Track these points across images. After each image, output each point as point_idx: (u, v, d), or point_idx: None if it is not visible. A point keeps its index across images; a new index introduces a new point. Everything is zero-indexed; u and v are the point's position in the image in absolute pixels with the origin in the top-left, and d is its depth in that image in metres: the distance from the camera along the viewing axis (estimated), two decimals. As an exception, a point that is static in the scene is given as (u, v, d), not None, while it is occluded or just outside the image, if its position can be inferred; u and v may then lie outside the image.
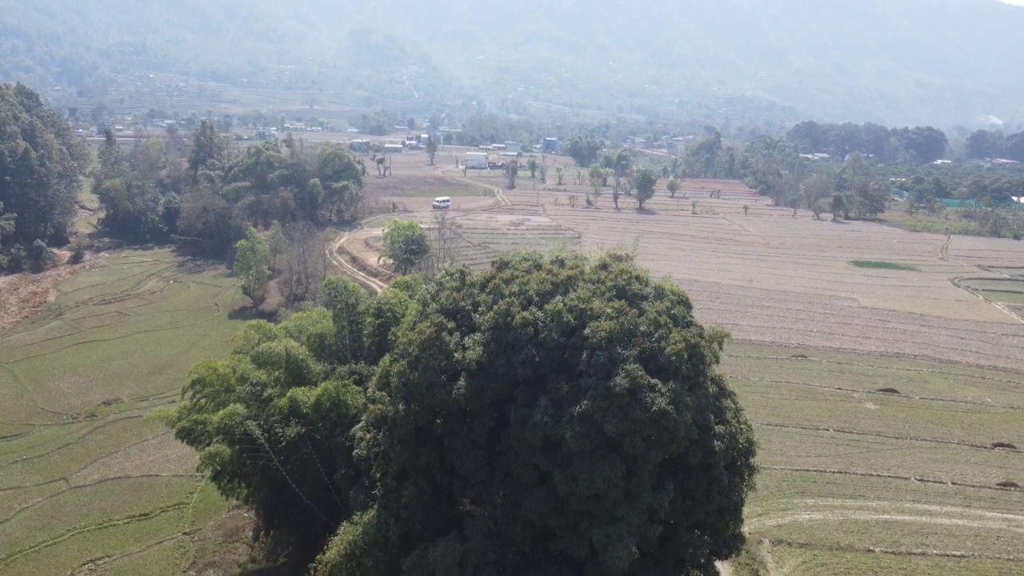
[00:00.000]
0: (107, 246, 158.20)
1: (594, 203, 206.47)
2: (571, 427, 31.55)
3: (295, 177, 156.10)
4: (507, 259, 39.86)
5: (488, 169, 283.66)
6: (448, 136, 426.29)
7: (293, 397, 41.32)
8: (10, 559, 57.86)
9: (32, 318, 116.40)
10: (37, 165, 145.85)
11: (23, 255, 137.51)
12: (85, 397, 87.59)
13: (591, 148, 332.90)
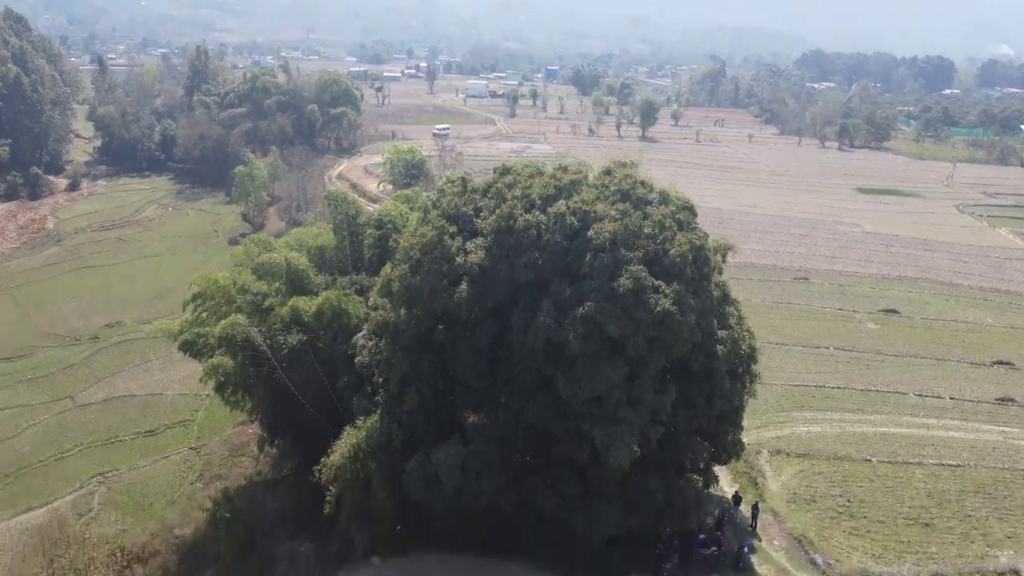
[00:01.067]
0: (104, 174, 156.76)
1: (596, 132, 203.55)
2: (574, 329, 31.43)
3: (292, 104, 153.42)
4: (509, 165, 39.19)
5: (489, 98, 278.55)
6: (448, 66, 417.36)
7: (294, 306, 41.17)
8: (19, 472, 58.91)
9: (31, 244, 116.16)
10: (29, 91, 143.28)
11: (20, 182, 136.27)
12: (87, 320, 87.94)
13: (593, 77, 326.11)
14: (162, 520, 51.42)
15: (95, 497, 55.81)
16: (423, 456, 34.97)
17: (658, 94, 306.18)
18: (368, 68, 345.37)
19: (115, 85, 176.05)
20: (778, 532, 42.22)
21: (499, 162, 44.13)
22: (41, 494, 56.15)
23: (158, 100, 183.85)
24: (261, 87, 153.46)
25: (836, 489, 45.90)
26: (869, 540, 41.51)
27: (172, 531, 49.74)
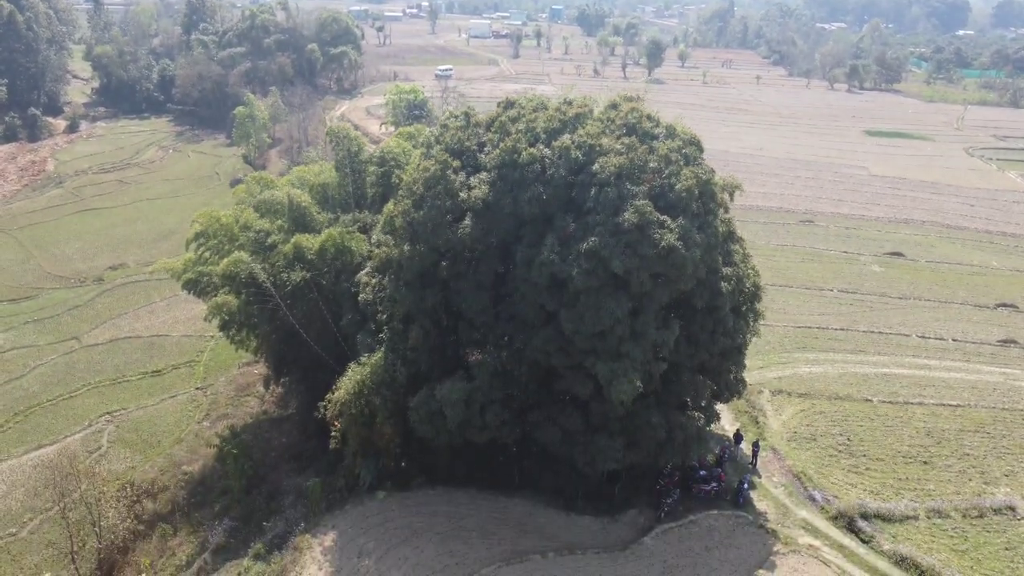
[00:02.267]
0: (103, 116, 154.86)
1: (601, 72, 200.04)
2: (578, 264, 31.22)
3: (292, 43, 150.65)
4: (514, 99, 38.45)
5: (492, 38, 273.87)
6: (450, 4, 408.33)
7: (297, 243, 40.94)
8: (28, 411, 59.45)
9: (32, 186, 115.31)
10: (24, 29, 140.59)
11: (18, 124, 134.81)
12: (91, 262, 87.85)
13: (599, 17, 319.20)
14: (170, 457, 52.18)
15: (104, 435, 56.40)
16: (427, 392, 35.17)
17: (665, 34, 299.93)
18: (369, 7, 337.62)
19: (111, 24, 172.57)
20: (778, 469, 42.71)
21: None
22: (51, 432, 56.73)
23: (156, 40, 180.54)
24: (260, 25, 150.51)
25: (836, 428, 46.28)
26: (868, 477, 41.99)
27: (180, 467, 50.52)
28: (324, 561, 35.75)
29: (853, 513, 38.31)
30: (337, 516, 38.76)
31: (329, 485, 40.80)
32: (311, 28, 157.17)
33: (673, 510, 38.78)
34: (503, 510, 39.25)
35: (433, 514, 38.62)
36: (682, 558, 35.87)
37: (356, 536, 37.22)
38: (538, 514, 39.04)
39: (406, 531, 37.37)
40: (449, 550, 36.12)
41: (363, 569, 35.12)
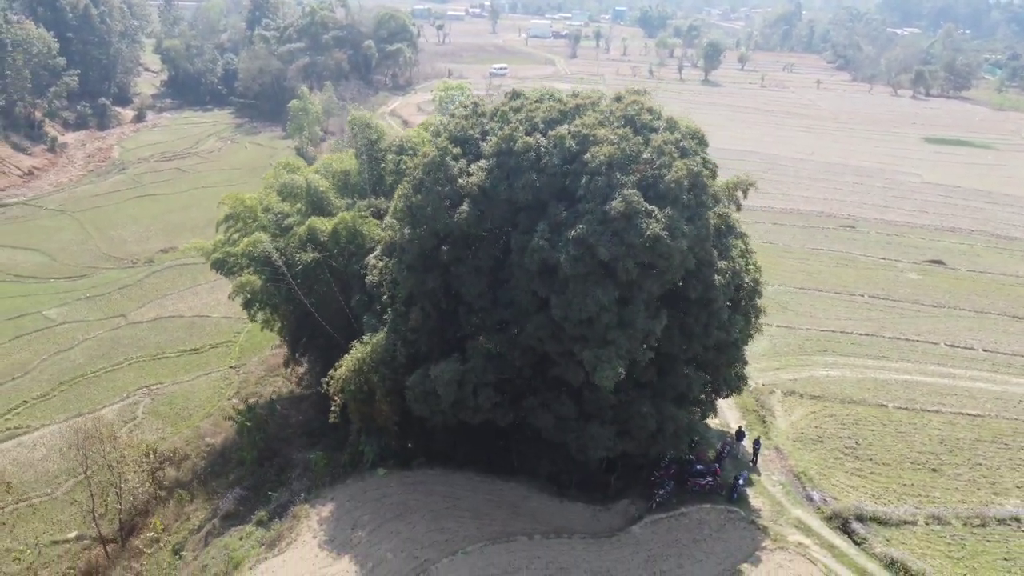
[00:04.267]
0: (169, 107, 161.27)
1: (657, 74, 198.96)
2: (566, 251, 31.83)
3: (349, 39, 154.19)
4: (520, 91, 39.24)
5: (552, 38, 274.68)
6: (513, 5, 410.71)
7: (311, 225, 42.54)
8: (73, 381, 62.72)
9: (97, 172, 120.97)
10: (98, 22, 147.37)
11: (89, 112, 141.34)
12: (144, 245, 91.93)
13: (661, 18, 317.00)
14: (196, 429, 54.58)
15: (140, 407, 59.21)
16: (423, 371, 36.24)
17: (729, 37, 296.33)
18: (432, 7, 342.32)
19: (180, 19, 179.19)
20: (779, 468, 42.48)
21: None
22: (92, 402, 59.77)
23: (224, 36, 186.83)
24: (319, 22, 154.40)
25: (845, 431, 45.71)
26: (871, 481, 41.43)
27: (204, 439, 52.85)
28: (319, 530, 37.18)
29: (848, 514, 37.93)
30: (338, 489, 40.22)
31: (335, 461, 42.31)
32: (368, 25, 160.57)
33: (666, 502, 38.99)
34: (498, 493, 40.09)
35: (429, 493, 39.69)
36: (668, 548, 36.11)
37: (353, 509, 38.56)
38: (531, 498, 39.75)
39: (401, 507, 38.52)
40: (440, 527, 37.10)
41: (355, 540, 36.39)
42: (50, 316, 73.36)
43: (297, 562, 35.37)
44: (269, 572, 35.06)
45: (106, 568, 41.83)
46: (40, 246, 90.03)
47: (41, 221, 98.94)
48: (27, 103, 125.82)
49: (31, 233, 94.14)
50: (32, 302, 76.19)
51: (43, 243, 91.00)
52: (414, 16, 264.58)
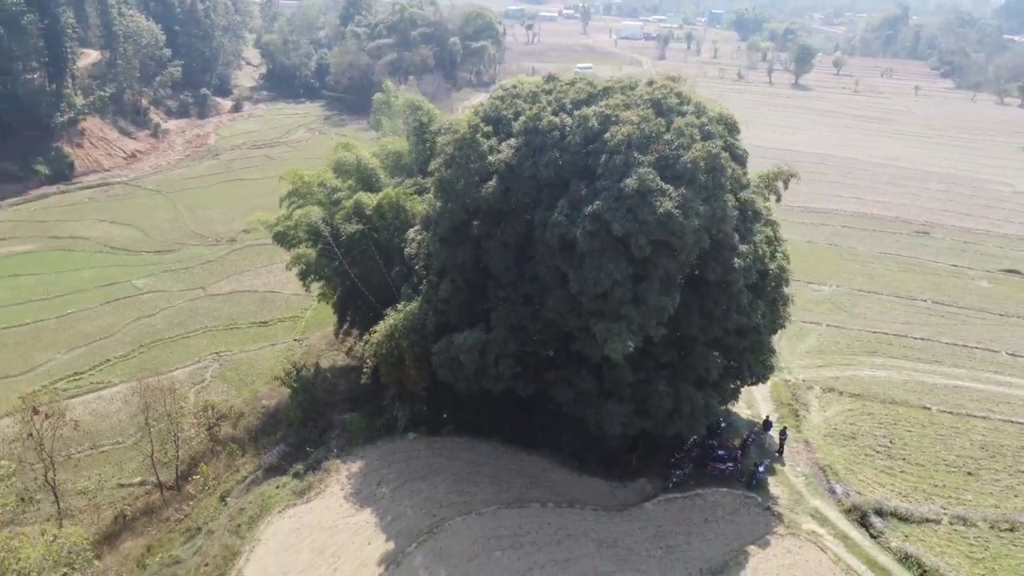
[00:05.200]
0: (264, 98, 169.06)
1: (745, 76, 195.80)
2: (583, 226, 32.93)
3: (436, 36, 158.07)
4: (556, 75, 40.53)
5: (643, 40, 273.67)
6: (608, 6, 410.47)
7: (358, 199, 44.97)
8: (152, 344, 67.46)
9: (193, 157, 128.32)
10: (203, 17, 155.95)
11: (190, 102, 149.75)
12: (229, 225, 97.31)
13: (757, 21, 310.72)
14: (255, 393, 58.04)
15: (209, 371, 63.23)
16: (448, 339, 37.97)
17: (828, 42, 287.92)
18: (525, 7, 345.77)
19: (279, 15, 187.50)
20: (805, 460, 42.24)
21: None
22: (167, 363, 64.18)
23: (321, 32, 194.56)
24: (408, 19, 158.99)
25: (881, 430, 44.96)
26: (900, 479, 40.75)
27: (260, 401, 56.21)
28: (347, 483, 39.46)
29: (867, 508, 37.57)
30: (369, 449, 42.46)
31: (370, 424, 44.56)
32: (455, 22, 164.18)
33: (683, 483, 39.51)
34: (519, 463, 41.46)
35: (454, 458, 41.44)
36: (678, 525, 36.69)
37: (381, 467, 40.70)
38: (551, 471, 40.95)
39: (426, 469, 40.42)
40: (460, 490, 38.79)
41: (379, 495, 38.49)
42: (137, 285, 78.85)
43: (322, 510, 37.73)
44: (296, 517, 37.54)
45: (160, 509, 45.30)
46: (135, 222, 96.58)
47: (139, 200, 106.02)
48: (135, 91, 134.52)
49: (128, 210, 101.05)
50: (123, 272, 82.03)
51: (138, 219, 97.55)
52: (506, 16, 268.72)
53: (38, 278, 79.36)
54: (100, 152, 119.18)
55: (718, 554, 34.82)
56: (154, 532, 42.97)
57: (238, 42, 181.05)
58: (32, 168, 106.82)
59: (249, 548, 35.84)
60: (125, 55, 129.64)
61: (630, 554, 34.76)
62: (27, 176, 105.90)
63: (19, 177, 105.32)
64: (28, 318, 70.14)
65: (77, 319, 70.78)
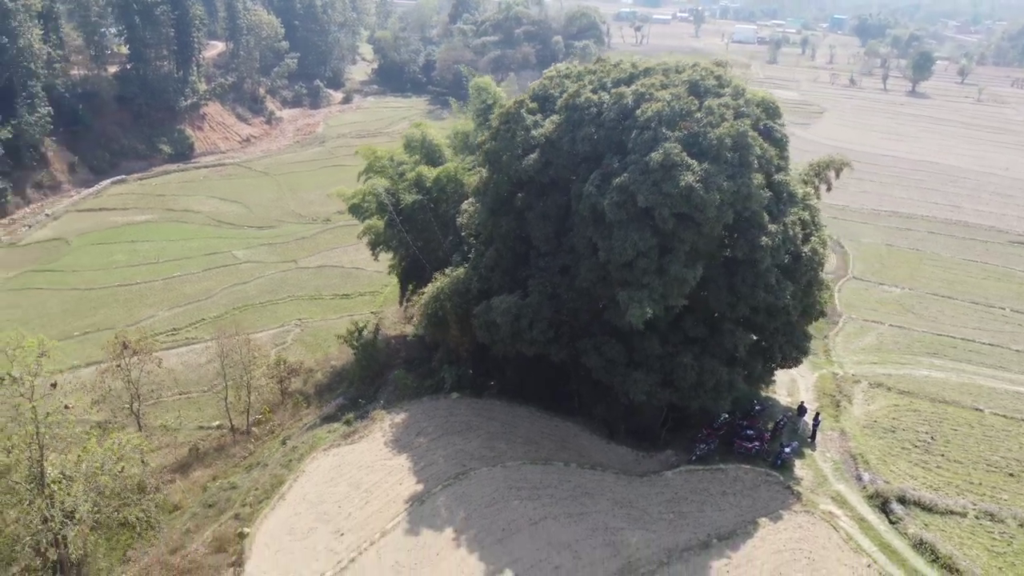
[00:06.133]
0: (374, 92, 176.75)
1: (858, 82, 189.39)
2: (610, 197, 34.66)
3: (539, 34, 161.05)
4: (604, 57, 42.26)
5: (756, 44, 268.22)
6: (724, 10, 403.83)
7: (419, 172, 48.14)
8: (243, 307, 73.13)
9: (301, 143, 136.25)
10: (320, 13, 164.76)
11: (304, 93, 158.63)
12: (325, 207, 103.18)
13: (881, 27, 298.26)
14: (327, 354, 62.33)
15: (290, 335, 68.11)
16: (487, 304, 40.43)
17: (959, 50, 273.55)
18: (639, 9, 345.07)
19: (392, 12, 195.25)
20: (837, 447, 42.26)
21: None
22: (255, 325, 69.47)
23: (434, 31, 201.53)
24: (513, 17, 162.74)
25: (924, 426, 44.31)
26: (935, 474, 40.26)
27: (330, 361, 60.39)
28: (388, 431, 42.59)
29: (890, 494, 37.46)
30: (414, 404, 45.48)
31: (419, 383, 47.61)
32: (559, 22, 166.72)
33: (707, 457, 40.48)
34: (553, 428, 43.45)
35: (491, 418, 43.86)
36: (694, 494, 37.78)
37: (421, 420, 43.62)
38: (582, 437, 42.74)
39: (463, 425, 43.02)
40: (491, 446, 41.17)
41: (416, 444, 41.38)
42: (237, 255, 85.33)
43: (363, 452, 40.97)
44: (339, 455, 40.95)
45: (229, 447, 49.84)
46: (242, 199, 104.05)
47: (247, 180, 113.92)
48: (254, 80, 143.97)
49: (237, 189, 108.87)
50: (226, 243, 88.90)
51: (244, 197, 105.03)
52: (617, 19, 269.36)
53: (152, 244, 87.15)
54: (218, 135, 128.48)
55: (728, 523, 35.75)
56: (221, 465, 47.40)
57: (353, 38, 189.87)
58: (157, 147, 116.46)
59: (294, 478, 39.46)
60: (247, 47, 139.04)
61: (642, 515, 36.19)
62: (152, 154, 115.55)
63: (145, 155, 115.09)
64: (139, 278, 77.38)
65: (180, 282, 77.45)
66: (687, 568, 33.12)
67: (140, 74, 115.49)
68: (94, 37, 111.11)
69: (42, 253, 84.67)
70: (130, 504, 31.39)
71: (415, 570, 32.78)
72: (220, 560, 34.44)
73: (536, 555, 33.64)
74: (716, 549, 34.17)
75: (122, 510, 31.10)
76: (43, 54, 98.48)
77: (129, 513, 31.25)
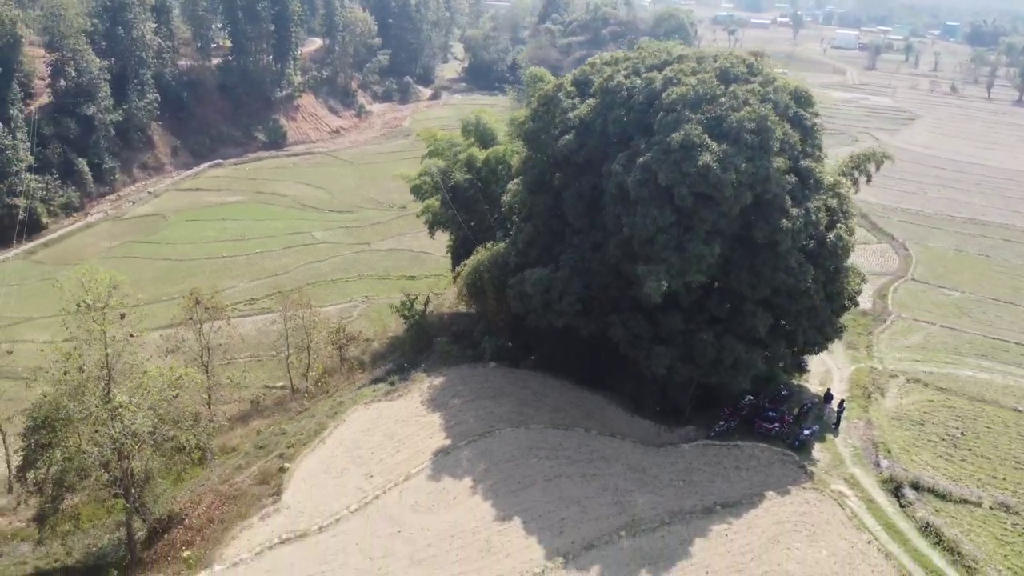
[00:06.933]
0: (462, 89, 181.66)
1: (960, 90, 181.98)
2: (634, 175, 36.54)
3: (626, 35, 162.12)
4: (642, 45, 44.07)
5: (857, 50, 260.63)
6: (829, 16, 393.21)
7: (470, 154, 51.12)
8: (316, 283, 77.86)
9: (387, 136, 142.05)
10: (414, 12, 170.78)
11: (394, 88, 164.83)
12: (402, 195, 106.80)
13: (995, 35, 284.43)
14: (385, 327, 66.12)
15: (356, 310, 72.29)
16: (521, 276, 42.89)
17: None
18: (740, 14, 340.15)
19: (483, 12, 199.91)
20: (860, 435, 42.66)
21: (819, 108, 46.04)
22: (325, 300, 74.08)
23: (527, 32, 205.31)
24: (600, 17, 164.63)
25: (956, 422, 44.13)
26: (958, 466, 40.27)
27: (387, 333, 64.09)
28: (426, 392, 45.67)
29: (904, 480, 37.84)
30: (453, 370, 48.41)
31: (461, 353, 50.53)
32: (647, 22, 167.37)
33: (726, 434, 41.72)
34: (581, 399, 45.52)
35: (524, 387, 46.31)
36: (707, 466, 39.17)
37: (458, 384, 46.49)
38: (608, 409, 44.65)
39: (496, 391, 45.64)
40: (520, 411, 43.62)
41: (450, 405, 44.26)
42: (316, 236, 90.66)
43: (400, 408, 44.16)
44: (378, 410, 44.35)
45: (287, 402, 54.00)
46: (325, 185, 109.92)
47: (333, 168, 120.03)
48: (346, 75, 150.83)
49: (322, 175, 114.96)
50: (307, 224, 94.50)
51: (328, 184, 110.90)
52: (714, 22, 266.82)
53: (239, 223, 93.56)
54: (310, 126, 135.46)
55: (736, 494, 37.01)
56: (277, 417, 51.49)
57: (446, 36, 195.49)
58: (252, 135, 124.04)
59: (335, 425, 43.02)
60: (342, 42, 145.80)
61: (653, 480, 37.90)
62: (248, 141, 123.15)
63: (241, 142, 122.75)
64: (224, 253, 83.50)
65: (262, 258, 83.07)
66: (687, 528, 34.70)
67: (240, 65, 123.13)
68: (201, 30, 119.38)
69: (142, 226, 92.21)
70: (184, 429, 35.37)
71: (432, 510, 35.61)
72: (262, 490, 38.15)
73: (546, 507, 35.88)
74: (719, 515, 35.58)
75: (176, 434, 35.10)
76: (154, 45, 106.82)
77: (183, 437, 35.24)
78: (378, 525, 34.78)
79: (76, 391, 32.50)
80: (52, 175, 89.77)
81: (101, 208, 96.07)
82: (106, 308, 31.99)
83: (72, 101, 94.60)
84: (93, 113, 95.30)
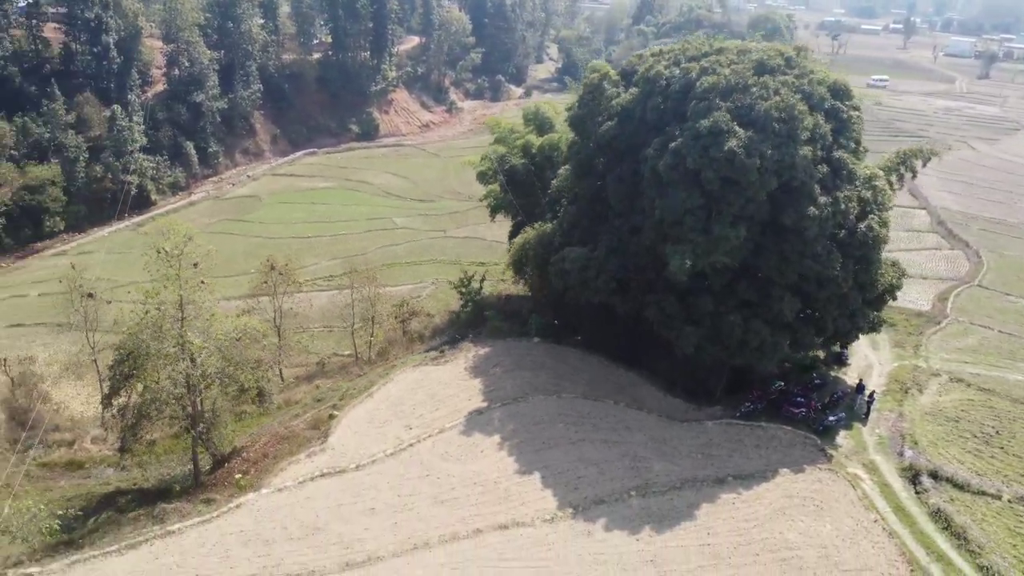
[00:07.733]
0: (553, 89, 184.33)
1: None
2: (665, 159, 38.54)
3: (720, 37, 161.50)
4: (690, 38, 45.80)
5: (972, 58, 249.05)
6: (948, 23, 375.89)
7: (527, 140, 54.01)
8: (391, 265, 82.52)
9: (474, 131, 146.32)
10: (509, 12, 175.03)
11: (485, 86, 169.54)
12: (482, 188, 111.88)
13: None
14: (448, 305, 69.76)
15: (426, 291, 76.33)
16: (561, 254, 45.44)
17: None
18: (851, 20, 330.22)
19: (578, 13, 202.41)
20: (889, 426, 43.10)
21: (916, 116, 45.30)
22: (397, 280, 78.64)
23: (622, 34, 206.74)
24: (694, 19, 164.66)
25: (993, 421, 43.87)
26: (986, 462, 40.28)
27: (449, 310, 67.71)
28: (470, 358, 48.90)
29: (923, 468, 38.32)
30: (498, 343, 51.40)
31: (509, 328, 53.46)
32: (742, 24, 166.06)
33: (752, 415, 43.05)
34: (617, 375, 47.66)
35: (563, 361, 48.83)
36: (728, 443, 40.69)
37: (501, 355, 49.44)
38: (640, 386, 46.63)
39: (536, 364, 48.33)
40: (557, 383, 46.18)
41: (491, 372, 47.27)
42: (396, 222, 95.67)
43: (444, 372, 47.53)
44: (424, 372, 47.92)
45: (349, 367, 58.28)
46: (410, 175, 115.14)
47: (419, 159, 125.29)
48: (440, 72, 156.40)
49: (408, 166, 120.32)
50: (388, 210, 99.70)
51: (413, 174, 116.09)
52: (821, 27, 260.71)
53: (327, 207, 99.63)
54: (401, 119, 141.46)
55: (750, 469, 38.45)
56: (337, 378, 55.77)
57: (541, 37, 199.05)
58: (347, 126, 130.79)
59: (383, 383, 46.78)
60: (438, 40, 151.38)
61: (672, 451, 39.78)
62: (342, 132, 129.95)
63: (336, 133, 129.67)
64: (310, 233, 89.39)
65: (343, 239, 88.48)
66: (697, 494, 36.49)
67: (339, 60, 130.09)
68: (304, 26, 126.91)
69: (239, 206, 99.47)
70: (245, 371, 39.76)
71: (459, 460, 38.70)
72: (312, 434, 42.17)
73: (565, 466, 38.37)
74: (730, 485, 37.17)
75: (240, 375, 39.52)
76: (260, 39, 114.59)
77: (244, 378, 39.64)
78: (410, 468, 38.14)
79: (155, 328, 37.18)
80: (162, 156, 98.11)
81: (204, 188, 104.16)
82: (181, 256, 36.56)
83: (184, 89, 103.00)
84: (202, 101, 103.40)
